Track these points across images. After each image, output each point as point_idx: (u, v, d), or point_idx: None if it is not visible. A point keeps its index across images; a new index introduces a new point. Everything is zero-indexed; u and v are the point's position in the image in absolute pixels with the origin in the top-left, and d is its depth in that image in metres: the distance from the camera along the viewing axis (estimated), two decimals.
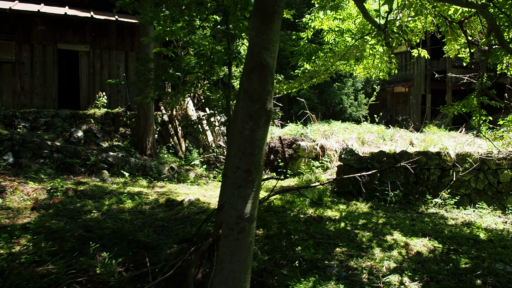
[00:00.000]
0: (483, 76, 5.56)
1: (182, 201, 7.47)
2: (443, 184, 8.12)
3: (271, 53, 2.70)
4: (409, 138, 11.19)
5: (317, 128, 11.72)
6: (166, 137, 12.24)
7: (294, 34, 6.23)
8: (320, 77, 7.31)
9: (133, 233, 5.89)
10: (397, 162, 8.18)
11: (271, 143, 10.90)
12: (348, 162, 8.47)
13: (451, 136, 11.51)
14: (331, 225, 6.29)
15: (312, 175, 10.16)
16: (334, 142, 10.84)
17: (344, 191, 8.42)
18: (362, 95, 17.71)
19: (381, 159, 8.21)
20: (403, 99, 20.53)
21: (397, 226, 6.38)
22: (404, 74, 20.36)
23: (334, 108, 17.18)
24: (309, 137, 10.95)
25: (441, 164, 8.12)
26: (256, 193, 2.73)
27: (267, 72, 2.67)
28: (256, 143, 2.68)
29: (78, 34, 13.54)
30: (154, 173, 9.76)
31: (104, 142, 11.11)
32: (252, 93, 2.66)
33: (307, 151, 10.40)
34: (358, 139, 11.47)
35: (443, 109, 7.08)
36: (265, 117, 2.67)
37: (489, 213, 7.68)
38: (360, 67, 7.49)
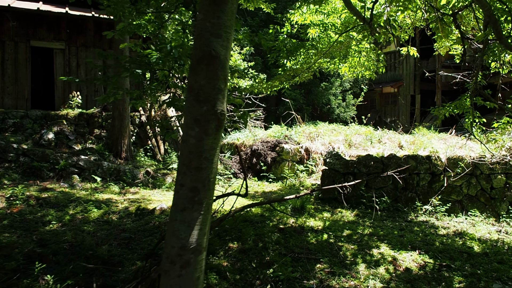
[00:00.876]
0: (478, 74, 5.09)
1: (153, 210, 6.88)
2: (434, 190, 7.66)
3: (222, 41, 2.15)
4: (398, 140, 10.75)
5: (302, 130, 11.21)
6: (144, 139, 11.63)
7: (272, 27, 5.71)
8: (303, 75, 6.79)
9: (94, 247, 5.30)
10: (385, 166, 7.70)
11: (254, 146, 10.35)
12: (333, 166, 7.96)
13: (441, 138, 11.09)
14: (313, 236, 5.77)
15: (296, 179, 9.63)
16: (319, 144, 10.33)
17: (329, 198, 7.91)
18: (351, 95, 17.27)
19: (368, 164, 7.72)
20: (392, 99, 20.16)
21: (384, 238, 5.88)
22: (393, 74, 20.00)
23: (321, 109, 16.70)
24: (294, 140, 10.43)
25: (431, 169, 7.66)
26: (205, 216, 2.17)
27: (217, 65, 2.11)
28: (204, 155, 2.12)
29: (53, 31, 12.86)
30: (128, 178, 9.15)
31: (77, 144, 10.45)
32: (198, 92, 2.11)
33: (291, 154, 9.87)
34: (345, 141, 10.99)
35: (434, 110, 6.61)
36: (215, 121, 2.12)
37: (482, 221, 7.24)
38: (346, 65, 6.98)
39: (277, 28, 5.74)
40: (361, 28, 5.24)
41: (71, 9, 12.56)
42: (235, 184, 9.43)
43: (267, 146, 10.17)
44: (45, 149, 9.36)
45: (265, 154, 9.98)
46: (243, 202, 7.81)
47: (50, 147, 9.94)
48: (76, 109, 11.33)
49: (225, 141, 12.28)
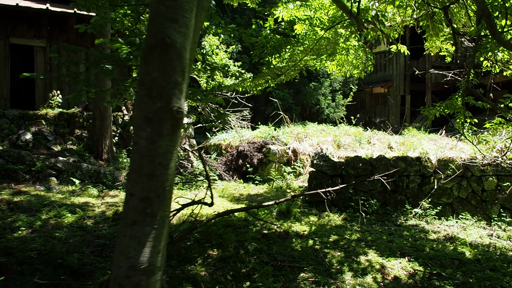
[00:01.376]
0: (470, 72, 4.85)
1: None
2: (424, 193, 7.43)
3: (179, 27, 1.84)
4: (387, 141, 10.53)
5: (290, 130, 10.94)
6: (127, 140, 11.25)
7: (254, 22, 5.40)
8: (289, 73, 6.50)
9: (64, 256, 4.94)
10: (374, 168, 7.45)
11: (240, 147, 10.05)
12: (320, 168, 7.70)
13: (431, 139, 10.91)
14: (297, 243, 5.48)
15: (283, 181, 9.35)
16: (307, 145, 10.07)
17: (316, 201, 7.63)
18: (340, 95, 17.05)
19: (357, 166, 7.47)
20: (382, 100, 20.01)
21: (372, 243, 5.62)
22: (383, 74, 19.85)
23: (311, 109, 16.46)
24: (281, 140, 10.15)
25: (421, 171, 7.43)
26: (159, 231, 1.86)
27: (172, 55, 1.81)
28: (158, 159, 1.82)
29: (33, 28, 12.43)
30: (109, 181, 8.78)
31: (56, 145, 10.04)
32: (150, 86, 1.80)
33: (277, 156, 9.59)
34: (334, 142, 10.74)
35: (424, 110, 6.38)
36: (171, 120, 1.82)
37: (473, 224, 7.03)
38: (333, 63, 6.72)
39: (260, 23, 5.46)
40: (348, 23, 4.97)
41: (52, 6, 12.13)
42: (220, 187, 9.11)
43: (254, 147, 9.88)
44: (21, 150, 8.95)
45: (251, 156, 9.68)
46: (227, 206, 7.52)
47: (28, 148, 9.52)
48: (56, 109, 10.91)
49: (212, 142, 11.96)
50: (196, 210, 7.05)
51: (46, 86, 12.32)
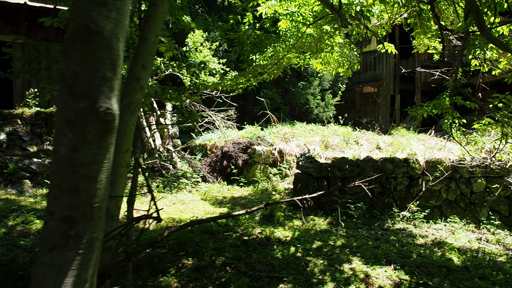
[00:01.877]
0: (458, 71, 4.61)
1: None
2: (412, 195, 7.20)
3: (109, 11, 1.53)
4: (376, 141, 10.30)
5: (277, 130, 10.65)
6: None
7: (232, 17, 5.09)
8: (272, 71, 6.21)
9: (27, 267, 4.61)
10: (361, 169, 7.20)
11: (224, 148, 9.73)
12: (306, 170, 7.42)
13: (420, 139, 10.71)
14: (279, 250, 5.19)
15: (268, 183, 9.07)
16: (294, 146, 9.79)
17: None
18: (330, 95, 16.81)
19: (343, 167, 7.21)
20: (372, 99, 19.84)
21: (357, 250, 5.35)
22: (373, 73, 19.68)
23: (300, 108, 16.19)
24: (267, 141, 9.86)
25: (409, 172, 7.20)
26: (86, 256, 1.55)
27: (98, 44, 1.50)
28: (82, 171, 1.50)
29: (11, 23, 11.99)
30: None
31: (32, 146, 9.64)
32: (72, 82, 1.49)
33: (263, 157, 9.30)
34: (321, 142, 10.49)
35: (412, 110, 6.13)
36: (98, 124, 1.51)
37: (461, 227, 6.81)
38: (318, 61, 6.44)
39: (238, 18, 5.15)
40: (331, 18, 4.69)
41: (31, 1, 11.70)
42: (203, 189, 8.80)
43: (239, 147, 9.57)
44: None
45: (236, 156, 9.38)
46: (209, 209, 7.21)
47: (1, 149, 9.11)
48: (34, 108, 10.50)
49: (197, 142, 11.63)
50: (175, 215, 6.75)
51: (25, 84, 11.89)
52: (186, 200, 7.89)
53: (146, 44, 2.85)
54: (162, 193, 8.33)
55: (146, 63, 2.87)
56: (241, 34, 5.21)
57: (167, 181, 8.86)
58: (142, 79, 2.84)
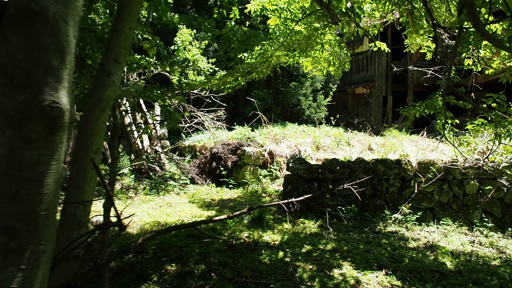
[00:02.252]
0: (451, 69, 4.47)
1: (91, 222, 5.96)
2: (404, 197, 7.06)
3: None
4: (368, 142, 10.17)
5: (267, 131, 10.47)
6: None
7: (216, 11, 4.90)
8: (261, 70, 6.03)
9: None
10: (352, 171, 7.04)
11: (214, 149, 9.53)
12: (296, 171, 7.25)
13: (412, 141, 10.60)
14: (266, 255, 5.00)
15: (258, 185, 8.88)
16: (285, 147, 9.62)
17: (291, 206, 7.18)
18: (322, 95, 16.69)
19: (334, 169, 7.04)
20: (364, 100, 19.76)
21: (348, 254, 5.18)
22: (365, 74, 19.61)
23: (291, 109, 16.04)
24: (257, 142, 9.67)
25: (401, 174, 7.06)
26: (30, 273, 1.35)
27: (42, 27, 1.30)
28: (24, 174, 1.30)
29: None
30: None
31: None
32: (12, 71, 1.29)
33: (253, 158, 9.11)
34: (313, 143, 10.33)
35: (403, 110, 5.99)
36: (42, 120, 1.31)
37: (454, 230, 6.67)
38: (308, 59, 6.27)
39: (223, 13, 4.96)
40: (321, 14, 4.53)
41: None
42: (191, 191, 8.58)
43: (228, 149, 9.37)
44: None
45: (226, 158, 9.18)
46: (196, 212, 7.00)
47: None
48: None
49: (186, 143, 11.41)
50: (161, 219, 6.53)
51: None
52: (173, 202, 7.67)
53: (118, 37, 2.64)
54: (148, 195, 8.10)
55: (119, 57, 2.67)
56: (227, 30, 5.02)
57: (154, 183, 8.64)
58: (113, 74, 2.64)
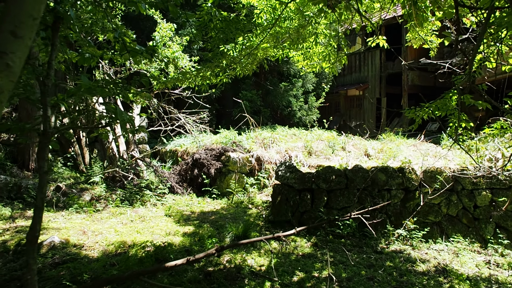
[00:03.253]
0: (473, 62, 3.67)
1: (40, 244, 5.03)
2: (408, 210, 6.26)
3: None
4: (364, 147, 9.38)
5: (255, 135, 9.62)
6: (65, 146, 9.64)
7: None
8: (246, 65, 5.17)
9: None
10: (350, 181, 6.22)
11: (196, 154, 8.63)
12: (286, 181, 6.40)
13: (410, 145, 9.84)
14: (251, 286, 4.13)
15: (245, 195, 8.00)
16: (274, 152, 8.77)
17: (281, 221, 6.33)
18: (313, 97, 15.89)
19: (329, 178, 6.21)
20: (357, 103, 19.03)
21: (348, 283, 4.34)
22: (359, 76, 18.89)
23: (282, 111, 15.21)
24: (243, 147, 8.81)
25: (404, 184, 6.26)
26: None
27: None
28: None
29: None
30: (30, 196, 7.19)
31: None
32: None
33: (239, 165, 8.24)
34: (304, 148, 9.50)
35: (409, 112, 5.18)
36: None
37: (465, 248, 5.88)
38: (299, 53, 5.44)
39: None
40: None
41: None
42: (170, 202, 7.67)
43: (211, 154, 8.49)
44: None
45: (208, 165, 8.29)
46: (171, 228, 6.09)
47: None
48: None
49: (168, 148, 10.50)
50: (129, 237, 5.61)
51: None
52: (148, 216, 6.76)
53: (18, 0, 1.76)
54: (119, 207, 7.17)
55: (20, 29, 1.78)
56: (202, 13, 4.16)
57: (128, 193, 7.71)
58: (10, 54, 1.75)
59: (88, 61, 3.93)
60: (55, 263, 4.71)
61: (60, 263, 4.68)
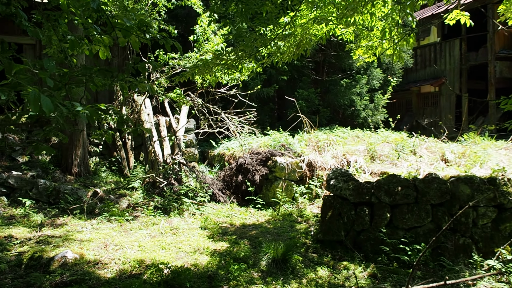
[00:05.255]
0: None
1: (51, 260, 4.49)
2: (502, 234, 4.77)
3: None
4: (440, 151, 7.82)
5: (308, 137, 8.52)
6: (112, 150, 9.37)
7: None
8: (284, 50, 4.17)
9: None
10: (421, 194, 4.90)
11: (240, 159, 7.77)
12: (339, 191, 5.26)
13: (500, 148, 8.06)
14: None
15: (293, 206, 6.96)
16: (329, 157, 7.60)
17: (331, 240, 5.20)
18: (380, 95, 14.27)
19: (393, 189, 4.95)
20: (432, 100, 16.90)
21: None
22: (433, 70, 16.77)
23: (344, 111, 13.85)
24: (293, 150, 7.76)
25: (497, 199, 4.78)
26: None
27: None
28: None
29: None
30: (68, 202, 6.85)
31: (22, 156, 8.33)
32: None
33: (287, 171, 7.20)
34: (367, 152, 8.20)
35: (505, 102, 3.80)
36: None
37: None
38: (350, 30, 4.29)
39: None
40: None
41: None
42: (207, 212, 6.87)
43: (257, 159, 7.57)
44: None
45: (254, 170, 7.38)
46: (201, 244, 5.27)
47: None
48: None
49: (216, 152, 9.81)
50: (151, 254, 4.87)
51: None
52: (181, 227, 6.02)
53: None
54: (154, 216, 6.54)
55: None
56: None
57: (166, 201, 7.07)
58: None
59: (77, 44, 3.24)
60: (62, 283, 4.11)
61: (67, 283, 4.06)
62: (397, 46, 4.66)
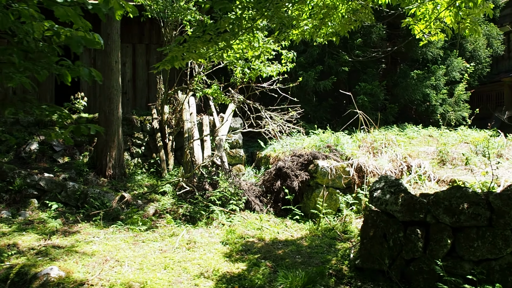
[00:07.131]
0: None
1: (33, 277, 3.99)
2: None
3: None
4: None
5: (362, 137, 7.24)
6: (154, 151, 9.00)
7: None
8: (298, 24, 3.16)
9: None
10: (498, 214, 3.52)
11: (280, 162, 6.79)
12: (384, 206, 4.07)
13: None
14: None
15: (337, 219, 5.81)
16: (386, 160, 6.28)
17: (372, 269, 4.03)
18: (462, 88, 12.19)
19: (456, 207, 3.64)
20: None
21: None
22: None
23: (417, 108, 12.05)
24: (341, 152, 6.57)
25: None
26: None
27: None
28: None
29: None
30: (93, 206, 6.50)
31: (63, 157, 8.29)
32: None
33: (330, 177, 6.06)
34: (436, 154, 6.72)
35: None
36: None
37: None
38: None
39: None
40: None
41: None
42: (237, 222, 6.01)
43: (298, 162, 6.54)
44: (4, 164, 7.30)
45: (293, 175, 6.37)
46: (215, 266, 4.44)
47: (29, 160, 7.93)
48: (77, 114, 9.27)
49: (263, 153, 8.94)
50: (146, 276, 4.15)
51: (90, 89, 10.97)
52: (199, 241, 5.25)
53: None
54: (178, 226, 5.87)
55: None
56: None
57: (195, 208, 6.38)
58: None
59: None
60: None
61: None
62: (460, 12, 3.37)
